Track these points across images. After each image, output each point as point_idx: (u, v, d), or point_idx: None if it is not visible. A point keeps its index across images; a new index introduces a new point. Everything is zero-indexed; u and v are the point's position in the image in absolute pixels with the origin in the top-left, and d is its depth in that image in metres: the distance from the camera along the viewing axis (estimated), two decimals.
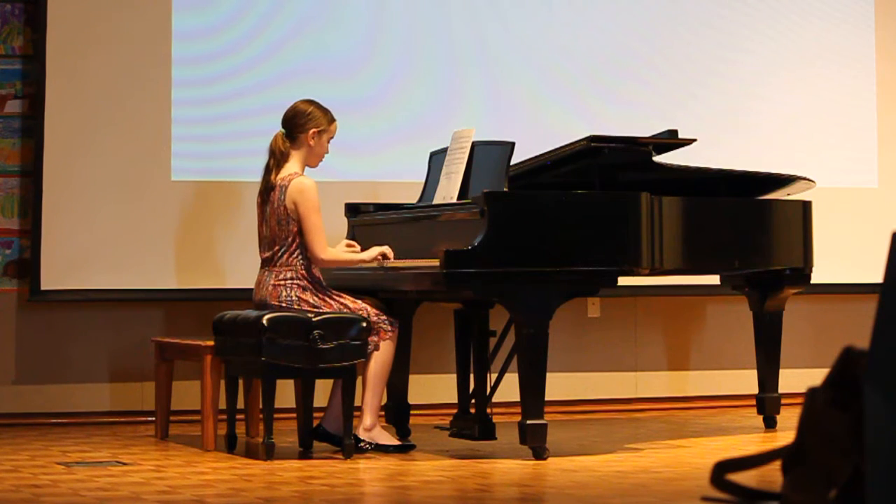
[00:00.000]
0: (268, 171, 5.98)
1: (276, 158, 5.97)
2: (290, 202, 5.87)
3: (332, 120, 6.04)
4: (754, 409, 6.84)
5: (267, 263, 5.96)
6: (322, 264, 5.93)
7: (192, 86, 7.17)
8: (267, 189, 5.96)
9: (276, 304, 5.84)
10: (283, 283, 5.87)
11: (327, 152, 6.05)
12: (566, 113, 7.55)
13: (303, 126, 5.98)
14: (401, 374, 6.48)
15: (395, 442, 5.94)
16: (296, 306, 5.82)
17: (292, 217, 5.87)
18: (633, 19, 7.75)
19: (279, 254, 5.90)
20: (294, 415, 6.04)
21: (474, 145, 6.06)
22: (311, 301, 5.84)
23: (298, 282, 5.86)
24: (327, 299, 5.85)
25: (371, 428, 5.87)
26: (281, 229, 5.89)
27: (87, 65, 7.04)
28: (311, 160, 6.02)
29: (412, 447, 5.92)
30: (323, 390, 6.11)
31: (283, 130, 6.01)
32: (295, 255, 5.88)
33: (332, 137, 6.05)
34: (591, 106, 7.62)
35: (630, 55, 7.74)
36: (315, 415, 5.93)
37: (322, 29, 7.36)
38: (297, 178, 5.91)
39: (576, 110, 7.57)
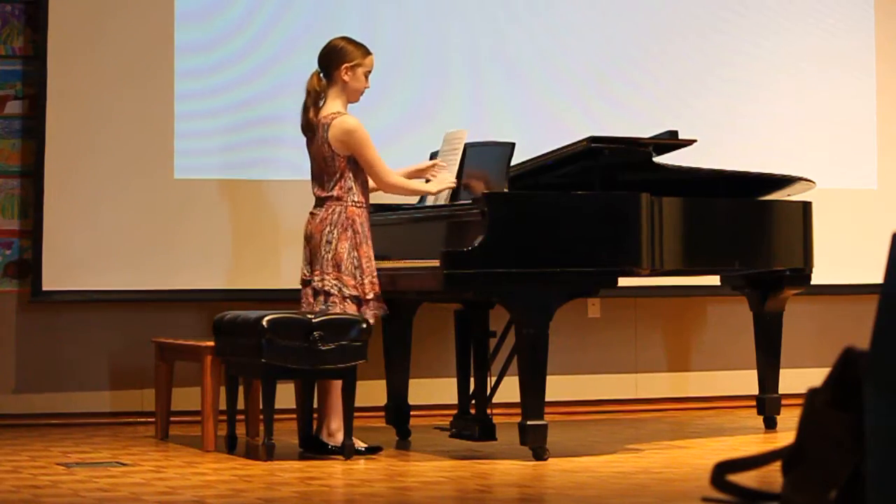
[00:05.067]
0: (305, 109, 5.97)
1: (312, 97, 5.95)
2: (334, 141, 5.85)
3: (366, 53, 6.02)
4: (754, 410, 6.84)
5: (318, 199, 5.96)
6: (389, 189, 6.01)
7: (195, 83, 7.16)
8: (307, 128, 5.96)
9: (319, 237, 5.83)
10: (330, 217, 5.85)
11: (367, 86, 6.01)
12: (566, 113, 7.55)
13: (335, 62, 5.97)
14: (401, 375, 6.48)
15: (363, 445, 5.81)
16: (324, 249, 5.79)
17: (338, 154, 5.86)
18: (634, 21, 7.75)
19: (329, 188, 5.89)
20: (294, 416, 6.04)
21: (475, 146, 6.06)
22: (342, 251, 5.80)
23: (346, 216, 5.84)
24: (354, 252, 5.80)
25: (335, 432, 5.80)
26: (328, 166, 5.89)
27: (87, 65, 7.04)
28: (351, 95, 5.99)
29: (379, 449, 5.83)
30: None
31: (318, 69, 6.01)
32: (345, 190, 5.88)
33: (369, 71, 6.01)
34: (592, 106, 7.61)
35: (630, 56, 7.74)
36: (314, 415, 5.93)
37: (325, 31, 7.35)
38: (339, 117, 5.90)
39: (576, 111, 7.57)
